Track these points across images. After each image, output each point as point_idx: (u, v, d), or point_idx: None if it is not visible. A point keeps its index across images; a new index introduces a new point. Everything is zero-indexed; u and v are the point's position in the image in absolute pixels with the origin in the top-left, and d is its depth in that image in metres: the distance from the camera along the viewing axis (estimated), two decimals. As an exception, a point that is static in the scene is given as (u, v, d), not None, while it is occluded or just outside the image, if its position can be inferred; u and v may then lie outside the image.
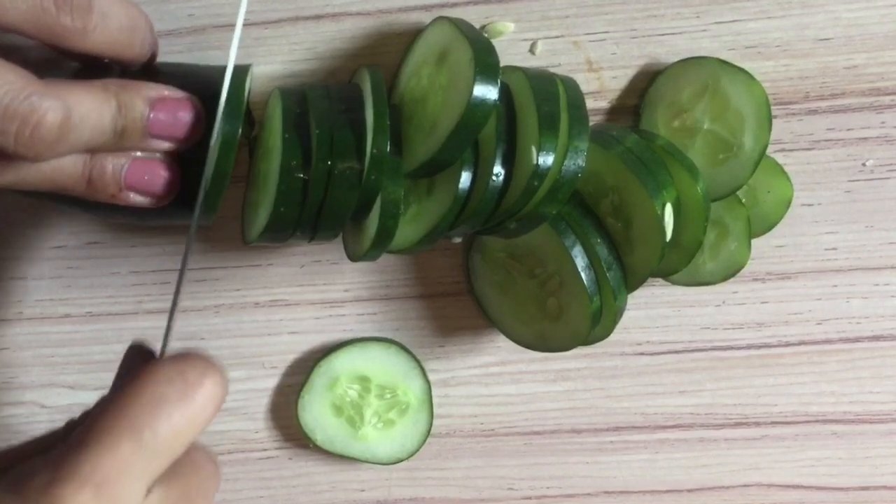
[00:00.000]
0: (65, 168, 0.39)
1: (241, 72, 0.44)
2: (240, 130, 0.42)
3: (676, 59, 0.49)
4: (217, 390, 0.38)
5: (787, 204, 0.50)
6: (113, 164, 0.40)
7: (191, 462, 0.40)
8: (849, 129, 0.50)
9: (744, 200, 0.49)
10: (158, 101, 0.40)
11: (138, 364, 0.41)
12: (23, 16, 0.36)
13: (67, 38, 0.38)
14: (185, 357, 0.39)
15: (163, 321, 0.52)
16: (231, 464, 0.54)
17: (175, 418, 0.37)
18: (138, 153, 0.41)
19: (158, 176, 0.41)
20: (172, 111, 0.40)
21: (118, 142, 0.39)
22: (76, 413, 0.40)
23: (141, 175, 0.41)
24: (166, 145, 0.41)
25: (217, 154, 0.42)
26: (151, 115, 0.40)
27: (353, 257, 0.47)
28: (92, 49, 0.39)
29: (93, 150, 0.39)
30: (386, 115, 0.42)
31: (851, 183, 0.51)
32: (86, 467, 0.35)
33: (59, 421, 0.46)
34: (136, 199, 0.41)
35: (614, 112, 0.50)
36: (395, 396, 0.52)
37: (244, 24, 0.49)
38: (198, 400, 0.38)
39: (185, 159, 0.42)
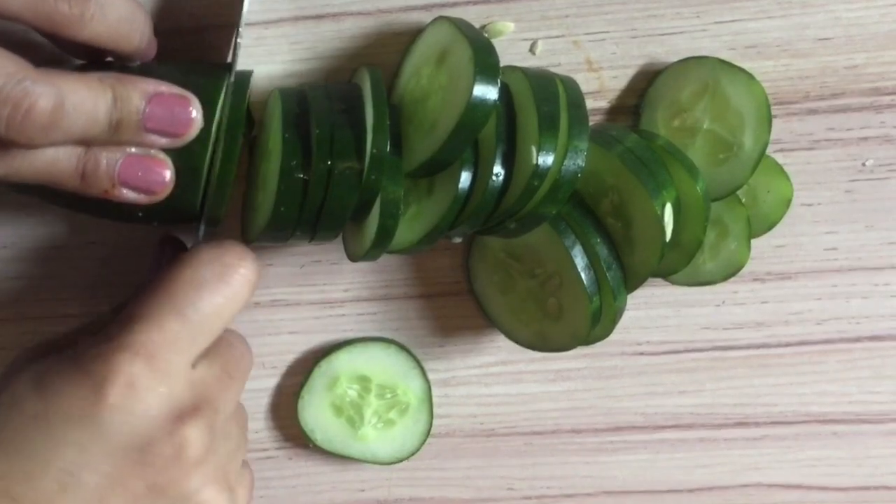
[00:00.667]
0: (59, 161, 0.39)
1: (242, 84, 0.44)
2: (240, 146, 0.42)
3: (676, 59, 0.49)
4: (251, 274, 0.42)
5: (787, 204, 0.50)
6: (107, 159, 0.40)
7: (227, 343, 0.44)
8: (849, 129, 0.50)
9: (744, 200, 0.49)
10: (155, 96, 0.40)
11: (169, 253, 0.46)
12: (21, 3, 0.37)
13: (65, 26, 0.38)
14: (223, 243, 0.42)
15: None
16: (231, 464, 0.54)
17: (215, 298, 0.41)
18: (133, 149, 0.41)
19: (153, 172, 0.41)
20: (169, 107, 0.40)
21: (113, 135, 0.39)
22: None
23: (135, 171, 0.40)
24: (163, 141, 0.41)
25: (218, 169, 0.42)
26: (147, 110, 0.40)
27: (353, 257, 0.47)
28: (90, 38, 0.39)
29: (87, 143, 0.39)
30: (386, 115, 0.42)
31: (851, 183, 0.51)
32: (137, 340, 0.39)
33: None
34: (129, 195, 0.41)
35: (614, 112, 0.50)
36: (395, 396, 0.52)
37: (244, 24, 0.49)
38: (235, 282, 0.41)
39: (179, 165, 0.42)
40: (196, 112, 0.41)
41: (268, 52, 0.49)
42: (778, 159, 0.50)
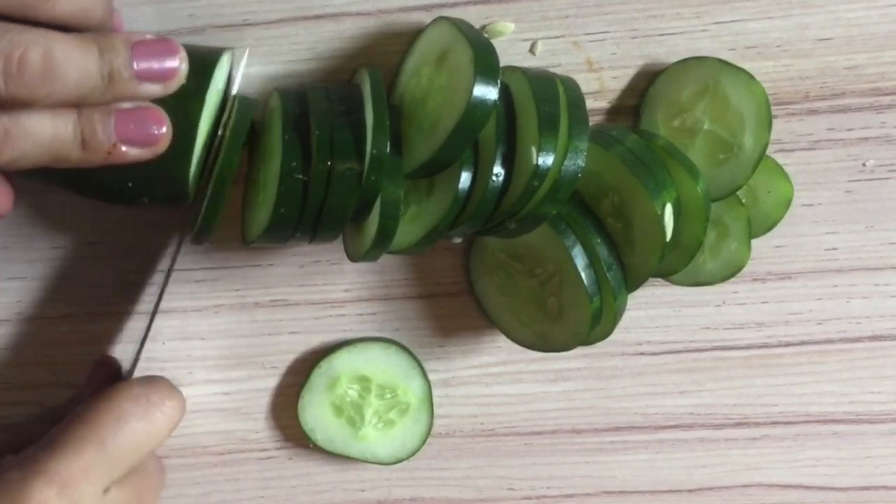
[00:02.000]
0: (60, 135, 0.39)
1: (248, 103, 0.44)
2: (238, 159, 0.42)
3: (676, 59, 0.49)
4: (175, 413, 0.45)
5: (788, 204, 0.50)
6: (101, 119, 0.40)
7: (143, 467, 0.46)
8: (849, 129, 0.50)
9: (744, 200, 0.49)
10: (138, 43, 0.40)
11: (104, 375, 0.49)
12: None
13: (34, 6, 0.38)
14: (151, 380, 0.46)
15: (163, 321, 0.53)
16: (231, 464, 0.54)
17: (136, 432, 0.44)
18: (127, 104, 0.40)
19: (148, 121, 0.41)
20: (155, 51, 0.40)
21: (107, 88, 0.39)
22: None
23: (129, 123, 0.40)
24: (153, 88, 0.40)
25: (214, 182, 0.42)
26: (134, 54, 0.39)
27: (354, 257, 0.47)
28: (58, 16, 0.39)
29: (83, 101, 0.39)
30: (386, 116, 0.42)
31: (852, 183, 0.51)
32: (52, 467, 0.41)
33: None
34: (130, 152, 0.40)
35: (614, 112, 0.50)
36: (395, 396, 0.52)
37: (244, 24, 0.49)
38: (157, 419, 0.44)
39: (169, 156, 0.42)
40: (181, 54, 0.41)
41: (268, 52, 0.49)
42: (778, 159, 0.50)
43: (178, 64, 0.40)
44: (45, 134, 0.39)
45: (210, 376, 0.53)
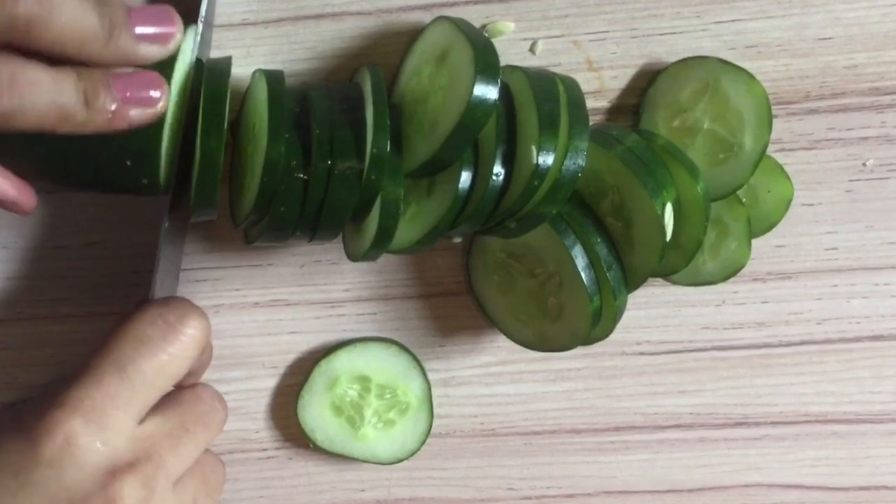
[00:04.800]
0: (63, 93, 0.38)
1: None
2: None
3: (676, 59, 0.49)
4: (196, 332, 0.43)
5: (788, 204, 0.50)
6: (103, 80, 0.39)
7: (195, 397, 0.45)
8: (849, 129, 0.50)
9: (744, 200, 0.49)
10: (136, 10, 0.40)
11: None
12: None
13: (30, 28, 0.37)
14: (168, 300, 0.43)
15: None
16: (231, 464, 0.54)
17: (158, 356, 0.41)
18: (126, 70, 0.40)
19: (146, 81, 0.40)
20: (150, 12, 0.40)
21: (108, 42, 0.39)
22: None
23: (129, 84, 0.40)
24: (153, 49, 0.40)
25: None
26: (132, 20, 0.39)
27: (353, 257, 0.47)
28: (58, 37, 0.38)
29: (84, 53, 0.39)
30: (386, 115, 0.42)
31: (852, 183, 0.51)
32: (76, 396, 0.40)
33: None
34: (135, 115, 0.40)
35: (614, 112, 0.50)
36: (395, 396, 0.52)
37: (244, 24, 0.49)
38: (178, 341, 0.42)
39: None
40: (177, 17, 0.41)
41: (268, 52, 0.49)
42: (778, 159, 0.50)
43: (175, 27, 0.41)
44: (48, 85, 0.38)
45: (209, 376, 0.53)
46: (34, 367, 0.53)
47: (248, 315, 0.53)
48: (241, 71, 0.49)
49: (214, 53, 0.49)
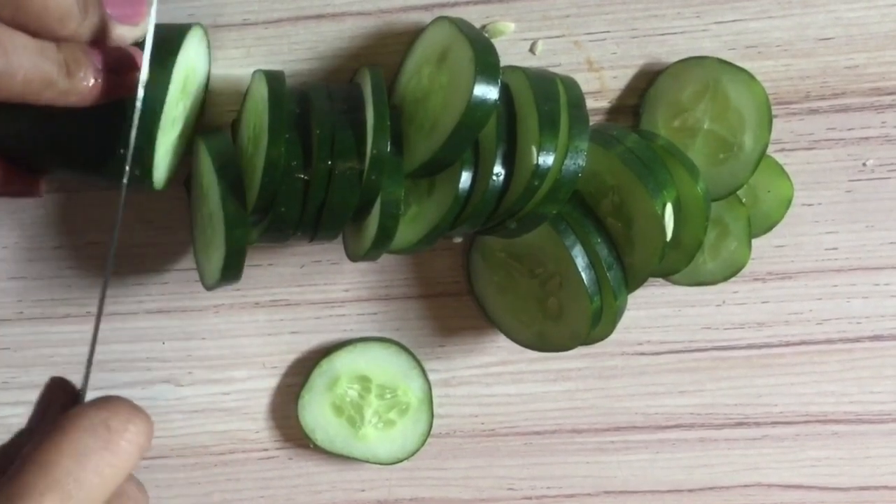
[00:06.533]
0: (46, 54, 0.39)
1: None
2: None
3: (677, 59, 0.49)
4: (140, 438, 0.38)
5: (788, 204, 0.50)
6: (83, 49, 0.41)
7: (119, 493, 0.39)
8: (849, 129, 0.50)
9: (744, 200, 0.49)
10: None
11: (59, 398, 0.42)
12: None
13: None
14: (109, 403, 0.39)
15: (163, 321, 0.53)
16: (231, 464, 0.54)
17: (100, 468, 0.37)
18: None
19: (123, 53, 0.42)
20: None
21: (84, 19, 0.40)
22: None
23: (107, 55, 0.41)
24: (125, 29, 0.42)
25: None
26: (106, 3, 0.41)
27: (354, 257, 0.47)
28: (41, 10, 0.39)
29: (63, 30, 0.40)
30: (386, 116, 0.42)
31: (852, 183, 0.51)
32: None
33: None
34: (113, 84, 0.41)
35: (614, 112, 0.50)
36: (395, 396, 0.52)
37: (244, 24, 0.49)
38: (122, 448, 0.38)
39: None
40: (145, 1, 0.42)
41: (268, 53, 0.49)
42: (778, 159, 0.50)
43: (142, 8, 0.42)
44: (33, 49, 0.39)
45: (210, 376, 0.53)
46: (34, 368, 0.53)
47: (248, 315, 0.53)
48: (241, 71, 0.49)
49: (215, 53, 0.49)
